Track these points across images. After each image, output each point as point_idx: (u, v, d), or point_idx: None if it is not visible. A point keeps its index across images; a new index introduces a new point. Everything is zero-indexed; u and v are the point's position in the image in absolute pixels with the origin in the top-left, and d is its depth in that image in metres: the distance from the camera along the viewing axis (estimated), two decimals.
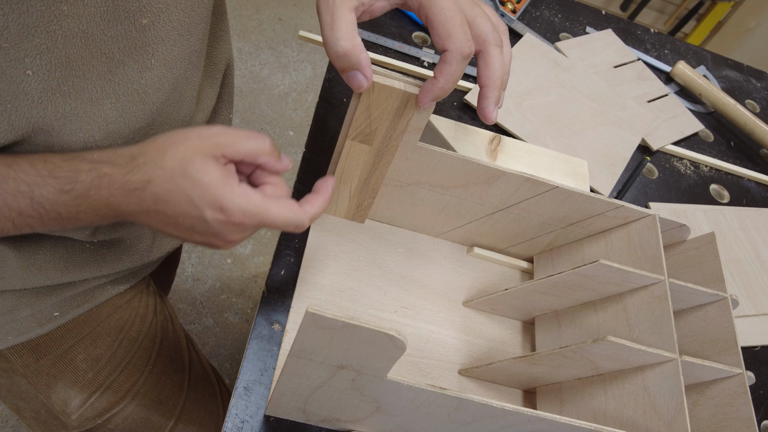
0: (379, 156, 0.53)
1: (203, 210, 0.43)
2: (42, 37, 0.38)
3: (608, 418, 0.50)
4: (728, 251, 0.77)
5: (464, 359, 0.58)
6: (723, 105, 0.93)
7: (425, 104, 0.46)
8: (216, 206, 0.42)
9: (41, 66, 0.39)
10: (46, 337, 0.61)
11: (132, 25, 0.42)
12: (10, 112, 0.40)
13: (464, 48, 0.43)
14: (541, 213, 0.59)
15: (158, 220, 0.44)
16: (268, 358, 0.52)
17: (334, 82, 0.75)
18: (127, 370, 0.66)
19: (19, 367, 0.61)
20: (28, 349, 0.60)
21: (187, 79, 0.51)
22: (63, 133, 0.43)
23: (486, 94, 0.47)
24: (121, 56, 0.43)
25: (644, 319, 0.52)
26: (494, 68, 0.46)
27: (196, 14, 0.47)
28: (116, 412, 0.65)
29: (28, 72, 0.39)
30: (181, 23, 0.46)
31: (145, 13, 0.42)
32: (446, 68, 0.44)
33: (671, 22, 2.27)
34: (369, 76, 0.44)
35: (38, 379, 0.62)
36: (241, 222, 0.43)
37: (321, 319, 0.35)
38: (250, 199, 0.43)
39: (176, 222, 0.44)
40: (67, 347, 0.62)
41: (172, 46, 0.46)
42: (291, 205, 0.45)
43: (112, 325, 0.65)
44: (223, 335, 1.41)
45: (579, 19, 1.00)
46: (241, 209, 0.43)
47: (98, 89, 0.43)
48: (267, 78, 1.88)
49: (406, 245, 0.63)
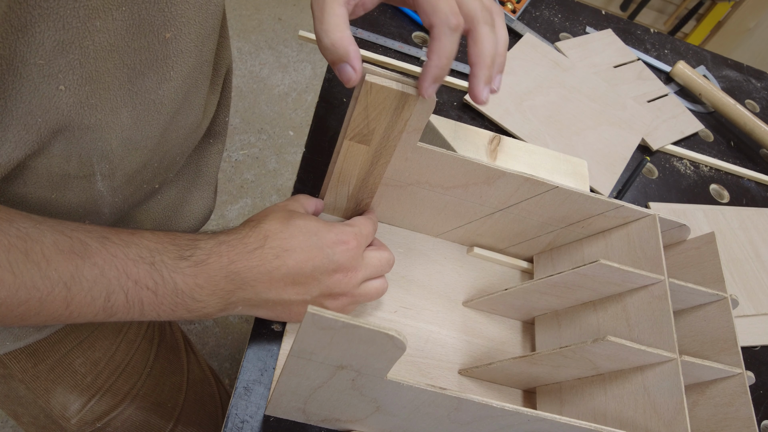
0: (377, 156, 0.53)
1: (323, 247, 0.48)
2: (76, 53, 0.38)
3: (608, 418, 0.50)
4: (728, 251, 0.77)
5: (464, 359, 0.58)
6: (723, 105, 0.93)
7: (427, 90, 0.45)
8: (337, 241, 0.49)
9: (73, 81, 0.39)
10: (44, 342, 0.60)
11: (156, 38, 0.42)
12: (39, 125, 0.40)
13: (450, 20, 0.42)
14: (541, 213, 0.59)
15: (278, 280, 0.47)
16: (268, 358, 0.52)
17: (334, 82, 0.75)
18: (126, 373, 0.66)
19: (17, 372, 0.60)
20: (26, 354, 0.60)
21: (197, 87, 0.51)
22: (83, 141, 0.43)
23: (475, 72, 0.45)
24: (141, 68, 0.43)
25: (644, 319, 0.52)
26: (483, 46, 0.45)
27: (210, 25, 0.47)
28: (115, 416, 0.65)
29: (61, 87, 0.38)
30: (198, 35, 0.46)
31: (169, 27, 0.42)
32: (435, 44, 0.43)
33: (671, 22, 2.27)
34: (357, 68, 0.43)
35: (36, 384, 0.61)
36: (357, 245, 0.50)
37: (321, 319, 0.35)
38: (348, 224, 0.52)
39: (298, 271, 0.47)
40: (65, 351, 0.62)
41: (188, 57, 0.46)
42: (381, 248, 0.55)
43: (109, 328, 0.65)
44: (223, 335, 1.41)
45: (579, 19, 1.00)
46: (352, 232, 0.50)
47: (118, 99, 0.43)
48: (267, 78, 1.88)
49: (405, 245, 0.63)
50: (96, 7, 0.36)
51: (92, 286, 0.40)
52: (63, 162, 0.44)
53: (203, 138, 0.63)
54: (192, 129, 0.55)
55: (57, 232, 0.39)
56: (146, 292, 0.42)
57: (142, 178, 0.52)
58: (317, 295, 0.49)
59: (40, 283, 0.38)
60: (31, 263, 0.37)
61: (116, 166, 0.47)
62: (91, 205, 0.49)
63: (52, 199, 0.46)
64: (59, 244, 0.39)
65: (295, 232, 0.48)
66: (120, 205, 0.52)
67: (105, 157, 0.45)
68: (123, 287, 0.41)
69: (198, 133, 0.57)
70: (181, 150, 0.55)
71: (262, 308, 0.49)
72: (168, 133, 0.51)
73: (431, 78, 0.44)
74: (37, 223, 0.39)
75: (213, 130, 0.63)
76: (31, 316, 0.39)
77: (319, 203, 0.57)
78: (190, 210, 0.64)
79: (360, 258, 0.51)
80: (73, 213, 0.49)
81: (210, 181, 0.65)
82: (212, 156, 0.64)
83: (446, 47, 0.43)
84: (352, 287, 0.50)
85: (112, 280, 0.41)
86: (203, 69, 0.51)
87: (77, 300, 0.40)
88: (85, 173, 0.46)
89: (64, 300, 0.39)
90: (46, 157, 0.43)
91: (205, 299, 0.44)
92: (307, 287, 0.48)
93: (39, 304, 0.39)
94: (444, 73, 0.44)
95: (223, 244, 0.45)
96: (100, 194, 0.49)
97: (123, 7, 0.38)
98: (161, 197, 0.60)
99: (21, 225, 0.38)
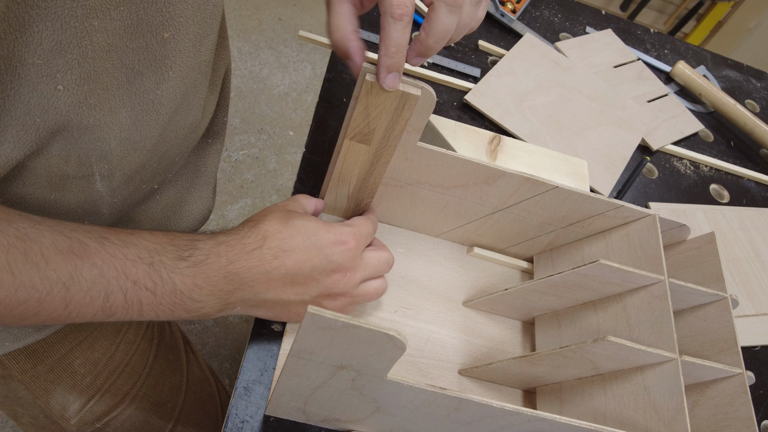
0: (377, 156, 0.53)
1: (322, 246, 0.48)
2: (74, 53, 0.38)
3: (608, 418, 0.50)
4: (728, 251, 0.77)
5: (464, 359, 0.58)
6: (723, 105, 0.93)
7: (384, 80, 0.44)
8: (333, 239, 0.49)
9: (71, 81, 0.39)
10: (43, 342, 0.60)
11: (154, 38, 0.42)
12: (38, 125, 0.40)
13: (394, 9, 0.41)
14: (541, 213, 0.59)
15: (276, 281, 0.47)
16: (268, 358, 0.52)
17: (334, 82, 0.75)
18: (125, 374, 0.65)
19: (17, 373, 0.60)
20: (25, 354, 0.60)
21: (196, 88, 0.51)
22: (81, 142, 0.43)
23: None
24: (140, 67, 0.43)
25: (644, 319, 0.52)
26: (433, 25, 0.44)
27: (208, 25, 0.47)
28: (115, 416, 0.65)
29: (59, 87, 0.38)
30: (196, 35, 0.46)
31: (167, 27, 0.42)
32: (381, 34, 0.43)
33: (671, 22, 2.27)
34: (358, 63, 0.45)
35: (36, 385, 0.61)
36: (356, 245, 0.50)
37: (321, 319, 0.35)
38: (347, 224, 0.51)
39: (296, 272, 0.47)
40: (64, 352, 0.62)
41: (187, 57, 0.46)
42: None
43: (109, 328, 0.65)
44: (223, 335, 1.41)
45: (579, 19, 1.00)
46: (350, 232, 0.50)
47: (117, 99, 0.43)
48: (267, 78, 1.88)
49: (405, 245, 0.63)
50: (94, 6, 0.36)
51: (91, 287, 0.40)
52: (62, 162, 0.44)
53: (202, 138, 0.63)
54: (191, 129, 0.55)
55: (56, 232, 0.39)
56: (145, 293, 0.42)
57: (141, 179, 0.52)
58: (316, 295, 0.49)
59: (39, 283, 0.38)
60: (29, 263, 0.37)
61: (115, 167, 0.47)
62: (90, 206, 0.49)
63: (51, 200, 0.46)
64: (58, 244, 0.39)
65: (294, 232, 0.48)
66: (119, 205, 0.52)
67: (104, 158, 0.45)
68: (122, 287, 0.41)
69: (197, 134, 0.57)
70: (180, 150, 0.55)
71: (261, 308, 0.49)
72: (167, 134, 0.50)
73: (384, 68, 0.44)
74: (36, 224, 0.39)
75: (212, 130, 0.63)
76: (29, 317, 0.39)
77: (319, 203, 0.57)
78: (189, 210, 0.64)
79: (359, 258, 0.51)
80: (73, 213, 0.49)
81: (209, 181, 0.65)
82: (211, 156, 0.64)
83: (390, 36, 0.42)
84: (351, 287, 0.50)
85: (111, 281, 0.41)
86: (202, 69, 0.50)
87: (76, 300, 0.40)
88: (83, 173, 0.46)
89: (63, 300, 0.39)
90: (45, 158, 0.43)
91: (203, 299, 0.44)
92: (305, 287, 0.48)
93: (38, 304, 0.39)
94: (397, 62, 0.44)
95: (222, 245, 0.45)
96: (99, 194, 0.49)
97: (121, 7, 0.38)
98: (160, 197, 0.60)
99: (20, 225, 0.38)
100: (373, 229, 0.55)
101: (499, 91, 0.82)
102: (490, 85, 0.82)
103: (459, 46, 0.87)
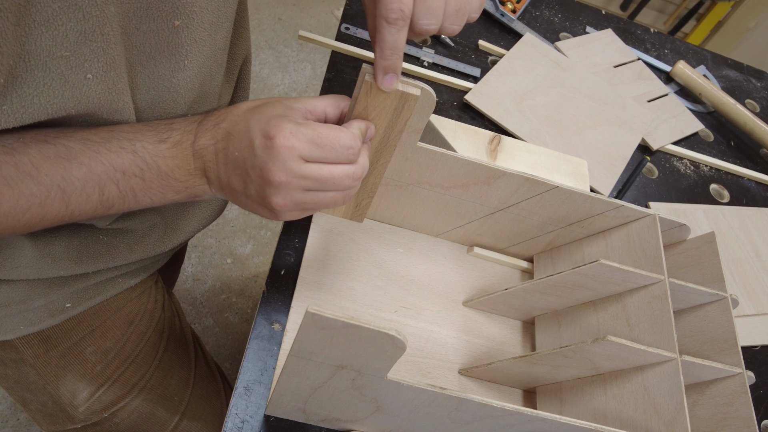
0: (377, 156, 0.53)
1: (254, 138, 0.43)
2: (99, 41, 0.39)
3: (608, 417, 0.50)
4: (728, 251, 0.77)
5: (464, 359, 0.58)
6: (723, 105, 0.93)
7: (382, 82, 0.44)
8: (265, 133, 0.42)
9: (99, 68, 0.40)
10: (56, 329, 0.61)
11: (164, 24, 0.43)
12: (72, 117, 0.42)
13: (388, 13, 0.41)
14: (541, 213, 0.59)
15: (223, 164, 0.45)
16: (268, 358, 0.52)
17: (334, 82, 0.75)
18: (135, 364, 0.66)
19: (29, 357, 0.61)
20: (38, 339, 0.61)
21: (212, 76, 0.52)
22: (98, 122, 0.45)
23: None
24: (152, 52, 0.44)
25: (644, 318, 0.52)
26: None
27: (223, 14, 0.48)
28: (122, 406, 0.65)
29: (89, 76, 0.40)
30: (211, 23, 0.47)
31: (178, 14, 0.43)
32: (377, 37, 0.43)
33: (671, 22, 2.27)
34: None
35: (47, 371, 0.62)
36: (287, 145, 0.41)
37: (321, 319, 0.35)
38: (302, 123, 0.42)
39: (234, 160, 0.44)
40: (77, 339, 0.62)
41: (202, 46, 0.47)
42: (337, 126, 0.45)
43: (121, 318, 0.65)
44: (223, 335, 1.41)
45: (579, 18, 1.00)
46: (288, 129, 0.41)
47: (131, 80, 0.45)
48: (267, 78, 1.88)
49: (406, 245, 0.63)
50: None
51: (84, 184, 0.42)
52: None
53: None
54: None
55: (40, 141, 0.41)
56: (135, 180, 0.44)
57: None
58: (254, 195, 0.44)
59: (36, 189, 0.40)
60: (23, 174, 0.40)
61: None
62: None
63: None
64: (44, 151, 0.41)
65: (249, 116, 0.44)
66: None
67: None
68: (112, 179, 0.43)
69: None
70: None
71: (228, 194, 0.46)
72: None
73: (381, 70, 0.44)
74: (20, 136, 0.41)
75: None
76: (37, 222, 0.42)
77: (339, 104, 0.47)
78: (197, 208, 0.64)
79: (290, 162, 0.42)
80: None
81: None
82: None
83: (385, 39, 0.43)
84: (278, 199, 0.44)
85: (101, 175, 0.43)
86: (217, 58, 0.51)
87: (74, 199, 0.42)
88: None
89: (62, 201, 0.42)
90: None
91: (185, 179, 0.46)
92: (244, 181, 0.44)
93: (41, 209, 0.41)
94: (393, 63, 0.44)
95: (194, 123, 0.46)
96: None
97: None
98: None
99: (5, 141, 0.40)
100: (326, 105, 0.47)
101: (499, 90, 0.82)
102: (490, 85, 0.82)
103: (459, 46, 0.87)
